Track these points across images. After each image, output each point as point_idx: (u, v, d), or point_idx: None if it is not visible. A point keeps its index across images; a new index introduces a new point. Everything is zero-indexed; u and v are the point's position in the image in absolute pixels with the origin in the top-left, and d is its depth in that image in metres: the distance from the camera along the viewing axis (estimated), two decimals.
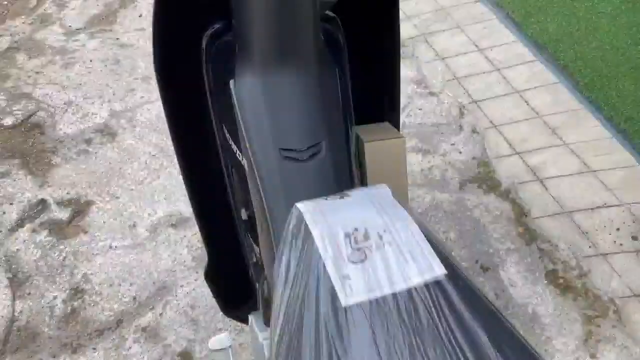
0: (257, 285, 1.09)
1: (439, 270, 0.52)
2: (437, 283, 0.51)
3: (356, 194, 0.65)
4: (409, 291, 0.51)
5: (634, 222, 1.65)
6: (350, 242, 0.56)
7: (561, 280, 1.57)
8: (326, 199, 0.65)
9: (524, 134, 1.98)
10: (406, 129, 2.06)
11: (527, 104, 2.08)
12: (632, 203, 1.69)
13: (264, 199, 0.83)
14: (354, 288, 0.52)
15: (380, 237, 0.56)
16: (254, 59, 0.83)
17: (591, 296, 1.53)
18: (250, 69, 0.85)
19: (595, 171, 1.79)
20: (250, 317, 1.07)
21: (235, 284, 1.19)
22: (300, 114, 0.84)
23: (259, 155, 0.83)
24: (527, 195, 1.80)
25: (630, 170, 1.77)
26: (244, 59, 0.85)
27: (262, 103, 0.83)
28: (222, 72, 0.88)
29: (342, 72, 0.91)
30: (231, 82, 0.86)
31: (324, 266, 0.54)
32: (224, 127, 0.93)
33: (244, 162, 0.87)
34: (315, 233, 0.58)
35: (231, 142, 0.92)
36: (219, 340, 1.16)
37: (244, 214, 1.05)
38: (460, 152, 1.98)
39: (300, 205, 0.63)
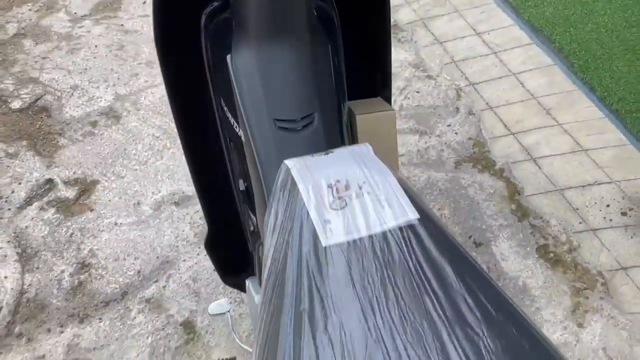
0: (254, 252, 1.14)
1: (412, 215, 0.57)
2: (410, 226, 0.56)
3: (340, 151, 0.70)
4: (384, 233, 0.56)
5: (623, 198, 1.69)
6: (332, 192, 0.62)
7: (551, 255, 1.61)
8: (312, 156, 0.70)
9: (519, 115, 2.02)
10: (403, 111, 2.10)
11: (523, 86, 2.11)
12: (622, 180, 1.73)
13: (259, 167, 0.88)
14: (334, 231, 0.57)
15: (360, 188, 0.62)
16: (250, 35, 0.89)
17: (580, 269, 1.57)
18: (246, 44, 0.90)
19: (587, 150, 1.83)
20: (247, 282, 1.12)
21: (233, 253, 1.24)
22: (293, 87, 0.89)
23: (254, 126, 0.88)
24: (521, 174, 1.84)
25: (621, 149, 1.81)
26: (240, 35, 0.90)
27: (257, 76, 0.89)
28: (220, 48, 0.94)
29: (335, 48, 0.96)
30: (228, 57, 0.91)
31: (307, 213, 0.60)
32: (222, 101, 0.99)
33: (241, 133, 0.92)
34: (300, 185, 0.63)
35: (229, 115, 0.97)
36: (218, 305, 1.22)
37: (241, 185, 1.11)
38: (456, 133, 2.02)
39: (288, 161, 0.68)
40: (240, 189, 1.11)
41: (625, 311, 1.48)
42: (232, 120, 0.96)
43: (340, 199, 0.61)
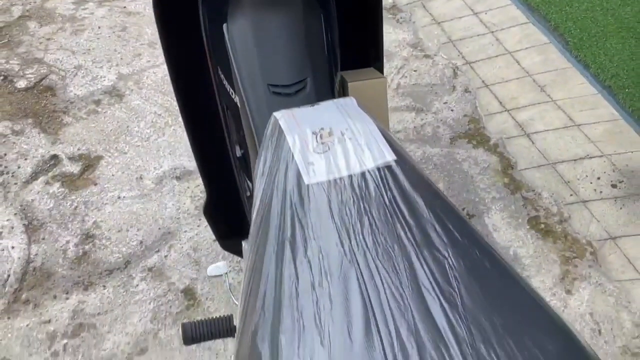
0: (250, 217, 1.19)
1: (390, 157, 0.62)
2: (387, 167, 0.61)
3: (325, 103, 0.75)
4: (363, 173, 0.61)
5: (614, 171, 1.73)
6: (316, 138, 0.66)
7: (542, 226, 1.65)
8: (299, 108, 0.74)
9: (514, 93, 2.06)
10: (401, 89, 2.14)
11: (518, 64, 2.15)
12: (613, 154, 1.77)
13: (253, 131, 0.93)
14: (317, 171, 0.62)
15: (342, 134, 0.66)
16: (245, 4, 0.93)
17: (570, 239, 1.61)
18: (241, 13, 0.94)
19: (579, 125, 1.87)
20: (243, 243, 1.17)
21: (231, 219, 1.29)
22: (286, 53, 0.93)
23: (249, 91, 0.93)
24: (514, 149, 1.88)
25: (613, 123, 1.84)
26: (236, 5, 0.95)
27: (252, 44, 0.93)
28: (217, 17, 0.98)
29: (327, 18, 1.00)
30: (224, 26, 0.96)
31: (293, 156, 0.64)
32: (219, 69, 1.03)
33: (237, 100, 0.97)
34: (287, 132, 0.68)
35: (225, 82, 1.02)
36: (216, 267, 1.26)
37: (238, 152, 1.16)
38: (452, 110, 2.06)
39: (276, 113, 0.73)
40: (237, 155, 1.16)
41: (613, 279, 1.52)
42: (228, 88, 1.00)
43: (323, 144, 0.65)
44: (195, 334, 1.00)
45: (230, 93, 1.00)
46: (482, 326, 0.45)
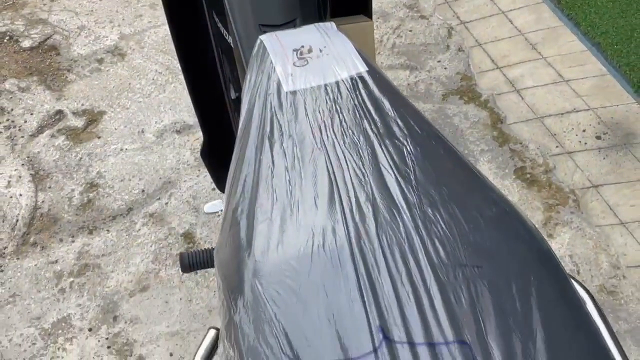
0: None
1: (362, 68, 0.68)
2: (360, 76, 0.67)
3: (307, 27, 0.81)
4: (337, 82, 0.67)
5: (599, 123, 1.78)
6: (296, 54, 0.73)
7: (528, 176, 1.72)
8: (283, 31, 0.81)
9: (506, 51, 2.10)
10: (396, 49, 2.19)
11: (511, 23, 2.19)
12: (599, 107, 1.82)
13: (246, 69, 0.99)
14: (295, 81, 0.69)
15: (321, 51, 0.73)
16: None
17: (554, 188, 1.68)
18: None
19: (568, 81, 1.92)
20: None
21: (226, 160, 1.36)
22: None
23: (242, 31, 0.99)
24: (504, 104, 1.93)
25: (600, 78, 1.89)
26: None
27: None
28: None
29: None
30: None
31: (274, 69, 0.71)
32: (214, 13, 1.09)
33: (230, 40, 1.03)
34: (270, 50, 0.74)
35: (220, 25, 1.07)
36: (213, 205, 1.34)
37: (233, 94, 1.22)
38: (445, 68, 2.11)
39: (262, 36, 0.79)
40: (232, 97, 1.22)
41: (593, 224, 1.59)
42: (222, 30, 1.06)
43: (303, 59, 0.72)
44: (191, 262, 1.08)
45: (225, 35, 1.06)
46: (431, 195, 0.52)
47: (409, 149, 0.57)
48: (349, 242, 0.49)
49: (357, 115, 0.62)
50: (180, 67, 1.23)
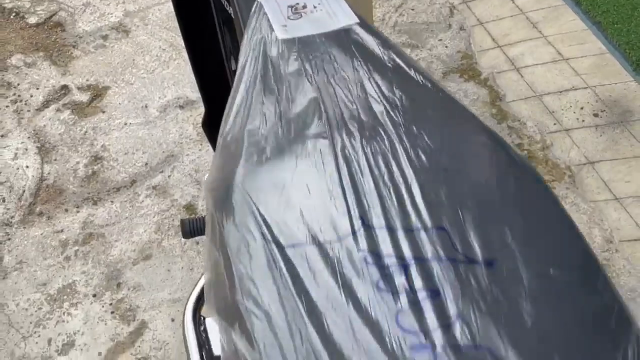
0: None
1: (354, 21, 0.71)
2: (350, 28, 0.71)
3: None
4: (329, 32, 0.70)
5: (596, 101, 1.80)
6: (291, 9, 0.76)
7: (525, 152, 1.74)
8: None
9: (507, 30, 2.12)
10: (398, 27, 2.20)
11: (513, 2, 2.20)
12: (598, 85, 1.83)
13: (244, 31, 1.02)
14: (289, 31, 0.72)
15: (315, 7, 0.76)
16: None
17: (550, 164, 1.70)
18: None
19: (567, 59, 1.93)
20: None
21: None
22: None
23: (241, 1, 1.01)
24: (504, 82, 1.95)
25: (599, 57, 1.91)
26: None
27: None
28: None
29: None
30: None
31: (270, 23, 0.74)
32: None
33: (230, 10, 1.05)
34: (266, 7, 0.77)
35: None
36: None
37: (233, 65, 1.24)
38: (446, 47, 2.12)
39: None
40: (232, 68, 1.25)
41: (588, 199, 1.61)
42: (223, 1, 1.09)
43: (297, 13, 0.75)
44: (192, 228, 1.11)
45: (226, 6, 1.09)
46: (416, 116, 0.55)
47: (396, 82, 0.60)
48: (334, 151, 0.51)
49: (347, 54, 0.65)
50: (182, 40, 1.25)
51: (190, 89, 1.98)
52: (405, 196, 0.47)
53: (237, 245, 0.47)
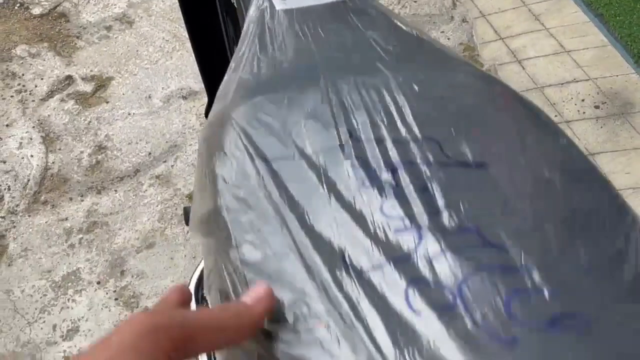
0: None
1: None
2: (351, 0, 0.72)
3: None
4: (325, 4, 0.72)
5: (598, 93, 1.81)
6: None
7: None
8: None
9: (509, 22, 2.12)
10: None
11: None
12: (599, 77, 1.84)
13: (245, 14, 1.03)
14: (287, 2, 0.73)
15: None
16: None
17: None
18: None
19: (569, 51, 1.94)
20: None
21: None
22: None
23: None
24: (506, 74, 1.96)
25: (601, 49, 1.91)
26: None
27: None
28: None
29: None
30: None
31: (270, 3, 0.75)
32: None
33: (234, 0, 1.06)
34: None
35: None
36: None
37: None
38: (448, 39, 2.13)
39: None
40: None
41: None
42: None
43: None
44: None
45: None
46: (412, 63, 0.56)
47: (394, 38, 0.61)
48: (326, 85, 0.52)
49: (344, 21, 0.67)
50: (186, 31, 1.26)
51: (193, 79, 1.99)
52: (396, 115, 0.47)
53: (224, 168, 0.48)
